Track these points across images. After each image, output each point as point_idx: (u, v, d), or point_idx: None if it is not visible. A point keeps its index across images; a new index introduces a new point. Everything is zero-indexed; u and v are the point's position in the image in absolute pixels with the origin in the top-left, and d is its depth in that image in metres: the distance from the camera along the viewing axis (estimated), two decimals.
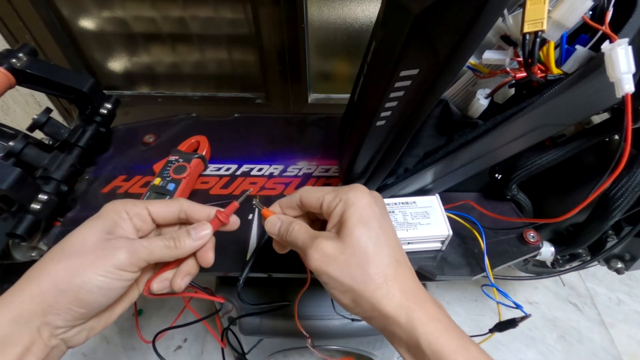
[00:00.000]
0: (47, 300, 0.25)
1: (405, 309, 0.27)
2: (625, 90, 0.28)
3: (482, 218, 0.45)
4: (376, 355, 0.67)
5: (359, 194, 0.30)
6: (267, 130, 0.60)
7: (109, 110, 0.55)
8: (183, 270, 0.32)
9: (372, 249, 0.28)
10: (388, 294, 0.27)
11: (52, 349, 0.27)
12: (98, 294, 0.27)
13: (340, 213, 0.30)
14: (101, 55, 1.07)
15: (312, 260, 0.29)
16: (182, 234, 0.30)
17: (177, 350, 0.83)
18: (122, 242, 0.28)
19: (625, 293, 0.93)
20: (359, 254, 0.28)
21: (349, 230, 0.28)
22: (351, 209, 0.29)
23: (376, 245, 0.28)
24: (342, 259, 0.28)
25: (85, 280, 0.26)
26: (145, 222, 0.31)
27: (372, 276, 0.27)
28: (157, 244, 0.29)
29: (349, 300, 0.28)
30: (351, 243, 0.28)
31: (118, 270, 0.27)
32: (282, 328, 0.56)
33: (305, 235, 0.30)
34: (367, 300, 0.27)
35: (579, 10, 0.30)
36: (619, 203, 0.38)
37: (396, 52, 0.28)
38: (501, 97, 0.41)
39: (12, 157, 0.45)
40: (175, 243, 0.30)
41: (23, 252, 0.48)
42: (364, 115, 0.36)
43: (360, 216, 0.29)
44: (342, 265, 0.28)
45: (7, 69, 0.46)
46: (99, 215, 0.30)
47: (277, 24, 0.93)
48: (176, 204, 0.32)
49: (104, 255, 0.27)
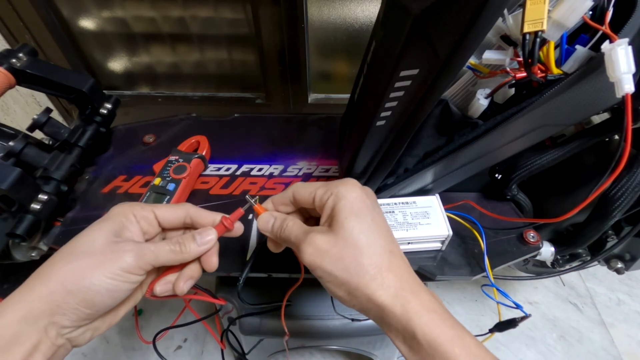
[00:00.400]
0: (56, 300, 0.26)
1: (401, 299, 0.27)
2: (625, 90, 0.28)
3: (482, 218, 0.45)
4: (376, 355, 0.67)
5: (349, 187, 0.30)
6: (267, 130, 0.60)
7: (109, 110, 0.55)
8: (186, 274, 0.32)
9: (364, 241, 0.28)
10: (383, 285, 0.27)
11: (59, 347, 0.27)
12: (105, 296, 0.27)
13: (332, 206, 0.30)
14: (101, 55, 1.07)
15: (306, 254, 0.29)
16: (187, 239, 0.31)
17: (177, 350, 0.83)
18: (129, 246, 0.28)
19: (625, 293, 0.93)
20: (351, 246, 0.28)
21: (341, 222, 0.28)
22: (342, 202, 0.29)
23: (368, 237, 0.28)
24: (335, 251, 0.28)
25: (93, 282, 0.26)
26: (151, 226, 0.32)
27: (366, 267, 0.27)
28: (163, 248, 0.30)
29: (344, 293, 0.28)
30: (344, 236, 0.28)
31: (125, 273, 0.27)
32: (282, 328, 0.56)
33: (299, 230, 0.30)
34: (362, 291, 0.27)
35: (579, 10, 0.30)
36: (619, 203, 0.38)
37: (396, 52, 0.28)
38: (501, 97, 0.41)
39: (12, 157, 0.45)
40: (181, 248, 0.30)
41: (23, 252, 0.48)
42: (364, 115, 0.36)
43: (352, 208, 0.29)
44: (335, 258, 0.28)
45: (7, 69, 0.46)
46: (108, 217, 0.30)
47: (277, 24, 0.93)
48: (182, 208, 0.33)
49: (112, 257, 0.27)
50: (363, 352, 0.66)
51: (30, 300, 0.26)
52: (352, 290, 0.28)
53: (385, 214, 0.43)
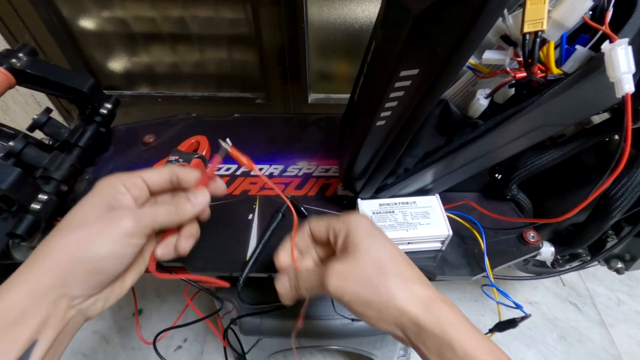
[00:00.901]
0: (64, 270, 0.27)
1: (434, 310, 0.27)
2: (625, 90, 0.28)
3: (482, 218, 0.45)
4: (376, 355, 0.67)
5: (357, 216, 0.32)
6: (267, 130, 0.60)
7: (109, 110, 0.55)
8: (185, 233, 0.33)
9: (384, 255, 0.29)
10: (413, 295, 0.27)
11: (70, 320, 0.27)
12: (109, 262, 0.28)
13: (345, 234, 0.31)
14: (101, 55, 1.07)
15: (330, 284, 0.29)
16: (182, 200, 0.32)
17: (177, 350, 0.83)
18: (126, 212, 0.29)
19: (625, 293, 0.93)
20: (372, 262, 0.28)
21: (357, 244, 0.29)
22: (354, 228, 0.30)
23: (387, 251, 0.29)
24: (358, 271, 0.28)
25: (98, 249, 0.27)
26: (142, 191, 0.32)
27: (392, 280, 0.28)
28: (160, 210, 0.31)
29: (375, 312, 0.28)
30: (362, 255, 0.29)
31: (126, 237, 0.28)
32: (282, 328, 0.56)
33: (315, 270, 0.31)
34: (393, 304, 0.27)
35: (579, 10, 0.30)
36: (619, 203, 0.38)
37: (396, 52, 0.28)
38: (501, 97, 0.41)
39: (12, 157, 0.45)
40: (177, 209, 0.32)
41: (23, 252, 0.47)
42: (363, 115, 0.36)
43: (365, 231, 0.30)
44: (359, 278, 0.28)
45: (7, 69, 0.46)
46: (96, 192, 0.30)
47: (277, 24, 0.93)
48: (167, 168, 0.34)
49: (112, 225, 0.28)
50: (363, 352, 0.66)
51: (36, 276, 0.26)
52: (382, 307, 0.28)
53: (385, 214, 0.43)
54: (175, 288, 0.92)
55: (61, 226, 0.28)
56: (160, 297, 0.91)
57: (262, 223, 0.47)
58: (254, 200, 0.50)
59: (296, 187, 0.52)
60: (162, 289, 0.93)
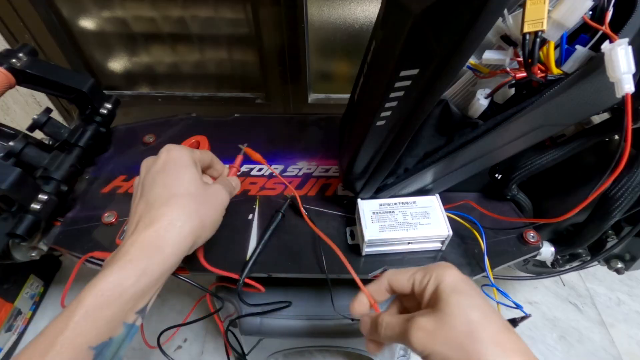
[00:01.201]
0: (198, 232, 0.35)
1: None
2: (625, 90, 0.28)
3: (482, 218, 0.45)
4: (376, 355, 0.67)
5: (447, 269, 0.30)
6: (267, 130, 0.60)
7: (109, 110, 0.55)
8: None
9: (477, 316, 0.26)
10: None
11: None
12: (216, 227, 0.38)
13: (433, 288, 0.29)
14: (101, 55, 1.07)
15: (416, 340, 0.27)
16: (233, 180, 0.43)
17: (177, 350, 0.83)
18: (220, 186, 0.39)
19: (625, 293, 0.93)
20: (463, 322, 0.26)
21: (446, 300, 0.27)
22: (445, 282, 0.28)
23: (480, 312, 0.27)
24: (446, 330, 0.26)
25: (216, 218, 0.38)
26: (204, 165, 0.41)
27: (485, 344, 0.25)
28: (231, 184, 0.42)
29: None
30: (452, 312, 0.26)
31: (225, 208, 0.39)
32: (282, 328, 0.56)
33: (399, 320, 0.29)
34: None
35: (579, 10, 0.30)
36: (619, 203, 0.38)
37: (396, 52, 0.28)
38: (501, 97, 0.41)
39: (12, 157, 0.45)
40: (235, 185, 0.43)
41: (23, 252, 0.48)
42: (364, 115, 0.36)
43: (456, 286, 0.28)
44: (447, 339, 0.26)
45: (7, 69, 0.46)
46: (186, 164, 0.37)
47: (277, 24, 0.93)
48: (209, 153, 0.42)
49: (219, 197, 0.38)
50: (363, 352, 0.66)
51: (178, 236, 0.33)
52: None
53: (385, 214, 0.43)
54: (175, 288, 0.92)
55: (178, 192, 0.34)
56: (160, 297, 0.91)
57: (262, 223, 0.47)
58: (254, 200, 0.50)
59: (296, 187, 0.52)
60: (161, 289, 0.92)
